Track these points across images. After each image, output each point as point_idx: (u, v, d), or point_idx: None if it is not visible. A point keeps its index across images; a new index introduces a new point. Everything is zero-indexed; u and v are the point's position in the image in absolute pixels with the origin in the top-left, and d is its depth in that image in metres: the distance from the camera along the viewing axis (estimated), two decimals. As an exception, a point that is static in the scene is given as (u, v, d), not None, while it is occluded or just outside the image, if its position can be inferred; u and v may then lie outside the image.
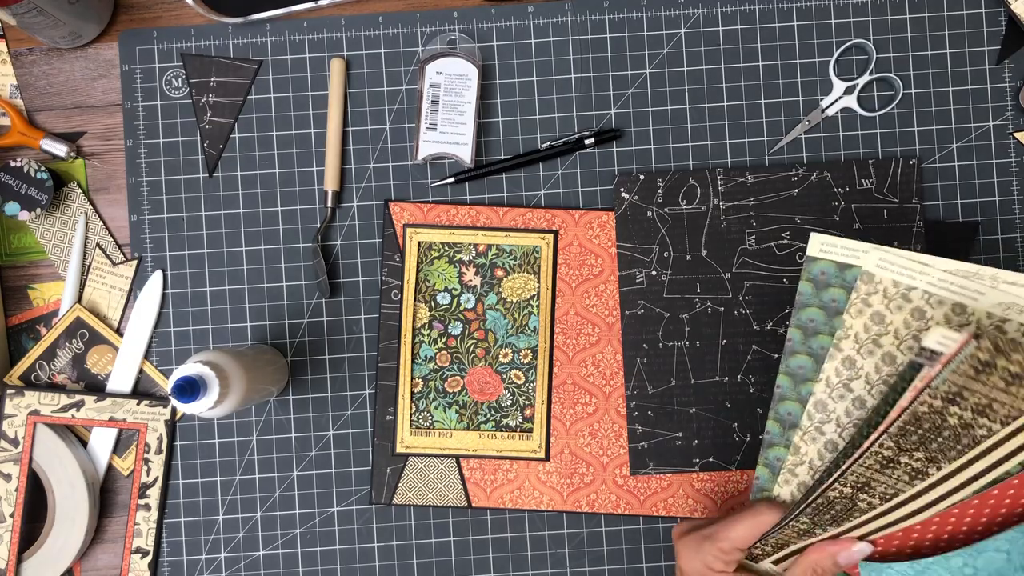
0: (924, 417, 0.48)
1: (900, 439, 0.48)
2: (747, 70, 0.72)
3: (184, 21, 0.72)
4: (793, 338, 0.55)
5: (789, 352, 0.55)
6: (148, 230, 0.71)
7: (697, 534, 0.56)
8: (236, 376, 0.59)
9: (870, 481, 0.50)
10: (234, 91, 0.72)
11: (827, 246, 0.53)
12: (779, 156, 0.72)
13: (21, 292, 0.72)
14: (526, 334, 0.71)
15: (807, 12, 0.72)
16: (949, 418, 0.47)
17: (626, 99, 0.72)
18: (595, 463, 0.71)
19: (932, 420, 0.48)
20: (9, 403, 0.69)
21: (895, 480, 0.50)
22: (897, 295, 0.52)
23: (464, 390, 0.71)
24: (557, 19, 0.72)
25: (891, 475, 0.50)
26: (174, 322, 0.71)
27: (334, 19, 0.72)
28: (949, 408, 0.47)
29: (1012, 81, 0.72)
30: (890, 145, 0.72)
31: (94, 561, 0.71)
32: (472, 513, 0.71)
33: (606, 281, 0.71)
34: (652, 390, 0.70)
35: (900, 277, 0.52)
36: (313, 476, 0.71)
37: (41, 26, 0.66)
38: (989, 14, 0.72)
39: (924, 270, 0.51)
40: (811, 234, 0.53)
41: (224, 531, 0.71)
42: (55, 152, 0.71)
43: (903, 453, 0.49)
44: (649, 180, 0.71)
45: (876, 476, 0.50)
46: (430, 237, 0.71)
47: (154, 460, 0.70)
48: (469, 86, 0.70)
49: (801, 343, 0.55)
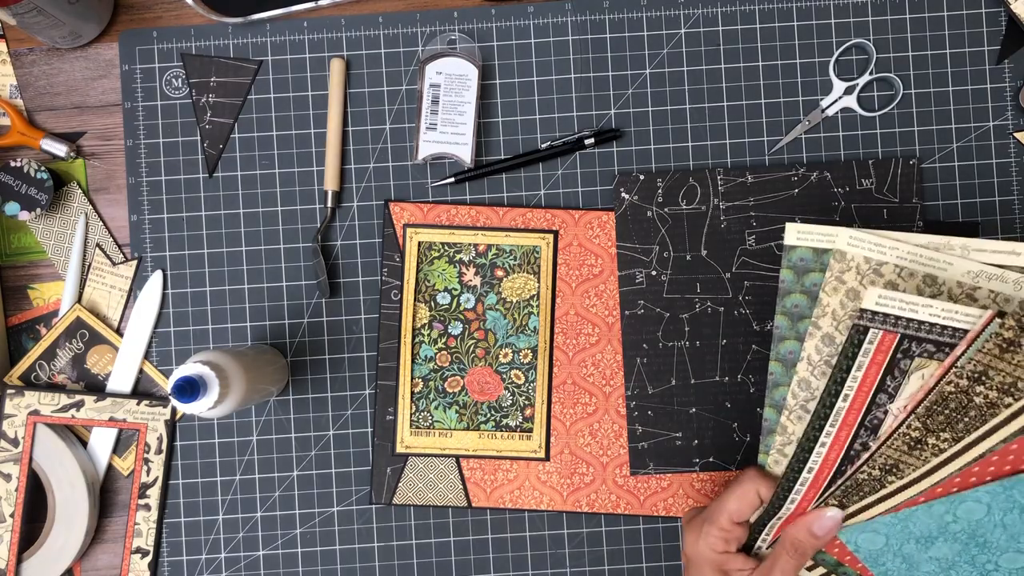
0: (951, 397, 0.48)
1: (928, 419, 0.49)
2: (747, 70, 0.72)
3: (184, 21, 0.72)
4: (780, 325, 0.55)
5: (778, 339, 0.56)
6: (148, 230, 0.72)
7: (699, 518, 0.56)
8: (236, 376, 0.59)
9: (898, 463, 0.50)
10: (234, 91, 0.72)
11: (803, 233, 0.54)
12: (779, 156, 0.72)
13: (21, 292, 0.72)
14: (526, 334, 0.71)
15: (807, 12, 0.72)
16: (975, 397, 0.48)
17: (626, 99, 0.72)
18: (595, 463, 0.71)
19: (959, 400, 0.48)
20: (9, 403, 0.69)
21: (923, 462, 0.50)
22: (869, 271, 0.52)
23: (464, 390, 0.71)
24: (557, 19, 0.72)
25: (919, 456, 0.50)
26: (174, 322, 0.71)
27: (334, 19, 0.72)
28: (975, 387, 0.47)
29: (1012, 81, 0.72)
30: (890, 145, 0.72)
31: (94, 561, 0.71)
32: (472, 513, 0.71)
33: (606, 281, 0.71)
34: (652, 390, 0.70)
35: (871, 253, 0.52)
36: (313, 476, 0.71)
37: (41, 26, 0.66)
38: (989, 14, 0.72)
39: (894, 245, 0.52)
40: (787, 224, 0.55)
41: (224, 531, 0.71)
42: (55, 152, 0.71)
43: (930, 434, 0.49)
44: (649, 180, 0.71)
45: (904, 458, 0.50)
46: (430, 237, 0.71)
47: (154, 460, 0.70)
48: (469, 86, 0.70)
49: (788, 328, 0.55)
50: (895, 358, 0.49)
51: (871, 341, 0.49)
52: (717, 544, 0.55)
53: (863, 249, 0.52)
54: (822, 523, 0.51)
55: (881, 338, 0.49)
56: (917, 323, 0.48)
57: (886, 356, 0.49)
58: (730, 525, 0.54)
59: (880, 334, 0.49)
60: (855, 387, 0.50)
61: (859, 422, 0.50)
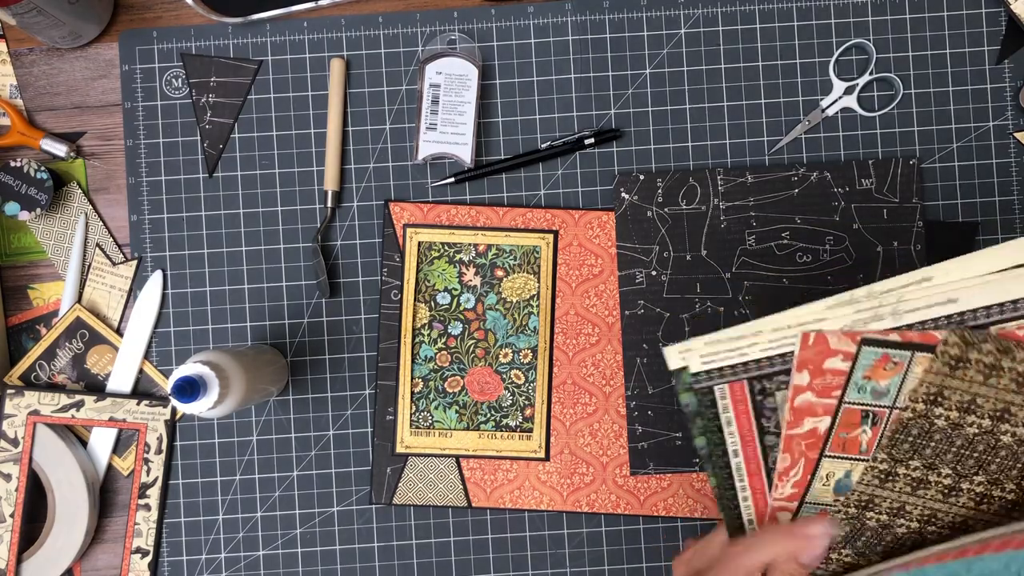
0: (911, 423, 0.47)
1: (892, 450, 0.48)
2: (747, 70, 0.72)
3: (184, 21, 0.72)
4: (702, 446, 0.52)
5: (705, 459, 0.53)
6: (148, 230, 0.72)
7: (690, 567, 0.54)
8: (236, 376, 0.59)
9: (873, 498, 0.50)
10: (234, 91, 0.72)
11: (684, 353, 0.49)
12: (779, 156, 0.72)
13: (21, 292, 0.72)
14: (526, 334, 0.71)
15: (807, 12, 0.72)
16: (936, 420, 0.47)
17: (626, 99, 0.72)
18: (595, 463, 0.71)
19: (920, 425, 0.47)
20: (9, 403, 0.69)
21: (898, 493, 0.50)
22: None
23: (464, 390, 0.71)
24: (557, 19, 0.72)
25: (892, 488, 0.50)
26: (174, 322, 0.71)
27: (334, 19, 0.72)
28: (934, 410, 0.47)
29: (1012, 81, 0.72)
30: (890, 145, 0.72)
31: (94, 561, 0.71)
32: (472, 513, 0.71)
33: (606, 281, 0.71)
34: (652, 390, 0.70)
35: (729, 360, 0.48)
36: (313, 476, 0.71)
37: (41, 26, 0.66)
38: (989, 14, 0.72)
39: (753, 340, 0.48)
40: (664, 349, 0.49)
41: (224, 531, 0.71)
42: (55, 152, 0.71)
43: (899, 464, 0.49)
44: (649, 180, 0.71)
45: (877, 492, 0.50)
46: (430, 237, 0.71)
47: (154, 460, 0.70)
48: (469, 86, 0.70)
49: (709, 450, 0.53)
50: (757, 401, 0.48)
51: (723, 397, 0.48)
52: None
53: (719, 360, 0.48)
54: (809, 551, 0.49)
55: (731, 389, 0.48)
56: (754, 363, 0.47)
57: (747, 403, 0.48)
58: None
59: (726, 387, 0.48)
60: (738, 440, 0.49)
61: (765, 468, 0.50)
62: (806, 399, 0.49)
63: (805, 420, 0.50)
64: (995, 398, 0.47)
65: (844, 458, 0.50)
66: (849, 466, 0.50)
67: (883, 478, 0.49)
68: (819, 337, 0.48)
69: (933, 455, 0.48)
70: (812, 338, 0.48)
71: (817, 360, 0.49)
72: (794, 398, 0.50)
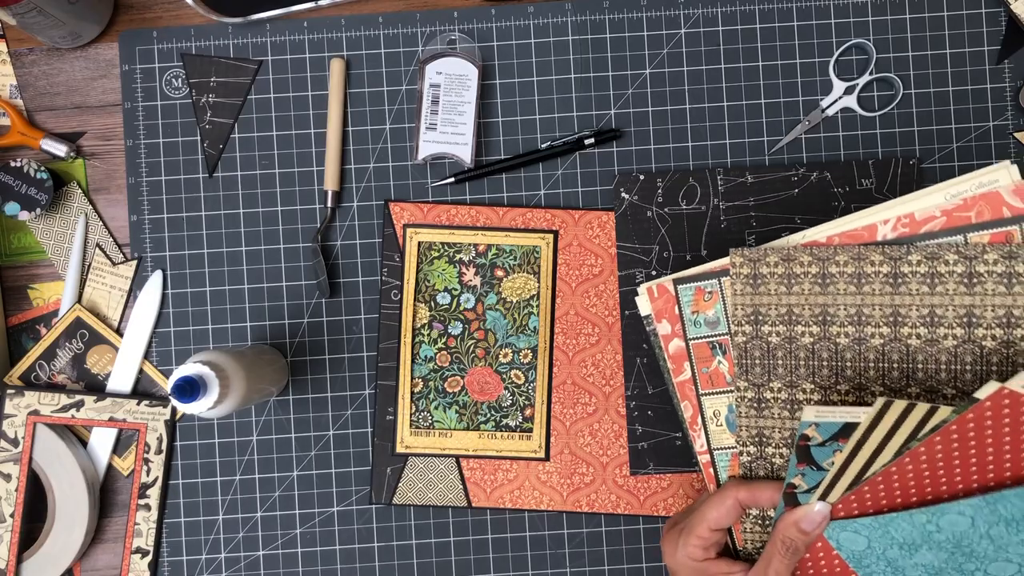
0: (749, 345, 0.50)
1: (747, 376, 0.51)
2: (747, 70, 0.72)
3: (184, 21, 0.72)
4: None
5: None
6: (148, 230, 0.72)
7: (675, 529, 0.57)
8: (236, 376, 0.59)
9: (761, 431, 0.51)
10: (234, 91, 0.72)
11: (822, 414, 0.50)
12: (779, 156, 0.72)
13: (21, 292, 0.72)
14: (526, 334, 0.71)
15: (807, 12, 0.72)
16: (770, 338, 0.50)
17: (626, 99, 0.72)
18: (595, 463, 0.71)
19: (759, 346, 0.50)
20: (9, 403, 0.69)
21: (780, 420, 0.51)
22: None
23: (464, 390, 0.71)
24: (557, 19, 0.72)
25: (772, 415, 0.51)
26: (174, 322, 0.71)
27: (334, 19, 0.72)
28: (761, 329, 0.50)
29: (1012, 81, 0.72)
30: (890, 145, 0.72)
31: (94, 561, 0.71)
32: (472, 513, 0.71)
33: (606, 281, 0.71)
34: (652, 390, 0.70)
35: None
36: (313, 476, 0.71)
37: (41, 26, 0.66)
38: (989, 14, 0.72)
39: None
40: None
41: (224, 531, 0.71)
42: (55, 152, 0.71)
43: (763, 388, 0.51)
44: (649, 180, 0.71)
45: (761, 423, 0.51)
46: (430, 237, 0.71)
47: (154, 460, 0.70)
48: (469, 86, 0.70)
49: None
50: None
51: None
52: (696, 552, 0.55)
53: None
54: (810, 518, 0.51)
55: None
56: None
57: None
58: (708, 532, 0.54)
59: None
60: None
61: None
62: (677, 345, 0.53)
63: (684, 365, 0.53)
64: (808, 304, 0.48)
65: (718, 392, 0.54)
66: (727, 400, 0.53)
67: (757, 407, 0.51)
68: (659, 288, 0.56)
69: (787, 372, 0.49)
70: (655, 289, 0.56)
71: (667, 308, 0.54)
72: (667, 347, 0.56)
